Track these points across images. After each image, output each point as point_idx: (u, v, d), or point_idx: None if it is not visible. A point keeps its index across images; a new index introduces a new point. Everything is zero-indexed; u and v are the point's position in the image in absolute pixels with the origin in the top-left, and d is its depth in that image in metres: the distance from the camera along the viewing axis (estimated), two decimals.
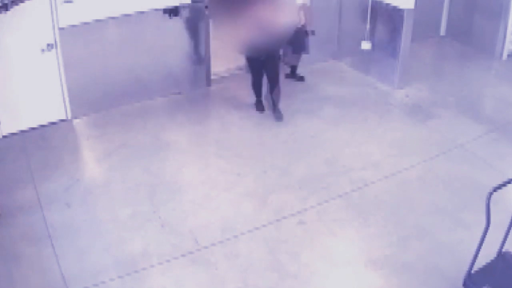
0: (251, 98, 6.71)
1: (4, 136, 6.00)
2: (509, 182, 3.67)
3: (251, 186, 5.37)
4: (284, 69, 7.25)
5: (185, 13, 6.72)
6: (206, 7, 6.86)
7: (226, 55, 7.39)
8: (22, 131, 6.11)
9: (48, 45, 5.98)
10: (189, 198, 5.18)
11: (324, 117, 6.63)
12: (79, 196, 5.15)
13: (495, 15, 8.05)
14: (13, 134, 6.05)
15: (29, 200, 5.05)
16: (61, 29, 5.96)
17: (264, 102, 6.68)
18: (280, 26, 5.50)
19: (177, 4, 6.62)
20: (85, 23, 6.10)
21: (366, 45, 7.45)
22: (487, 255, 3.85)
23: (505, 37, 8.15)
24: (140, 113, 6.62)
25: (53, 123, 6.33)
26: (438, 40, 8.90)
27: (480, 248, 3.64)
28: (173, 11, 6.63)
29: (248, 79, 6.71)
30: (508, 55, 8.28)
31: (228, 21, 5.38)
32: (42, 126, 6.25)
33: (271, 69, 6.38)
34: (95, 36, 6.24)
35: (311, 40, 7.09)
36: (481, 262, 3.80)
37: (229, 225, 4.83)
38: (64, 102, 6.35)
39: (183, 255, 4.48)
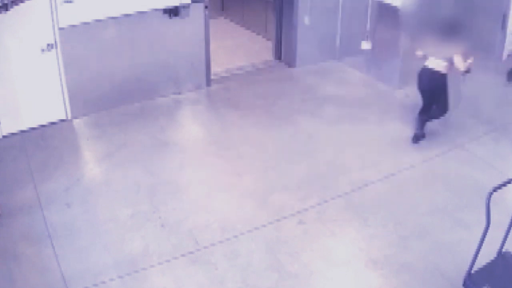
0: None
1: (4, 136, 6.00)
2: (509, 182, 3.66)
3: (251, 186, 5.37)
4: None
5: (185, 13, 6.72)
6: (206, 7, 6.86)
7: (226, 56, 7.39)
8: (22, 131, 6.12)
9: (48, 45, 5.97)
10: (189, 198, 5.18)
11: (324, 117, 6.63)
12: (79, 196, 5.15)
13: (495, 15, 8.04)
14: (13, 134, 6.05)
15: (29, 200, 5.05)
16: (61, 29, 5.96)
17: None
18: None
19: (177, 4, 6.62)
20: (85, 23, 6.10)
21: (366, 45, 7.45)
22: (487, 255, 3.85)
23: (505, 37, 8.15)
24: (140, 113, 6.62)
25: (53, 123, 6.33)
26: None
27: (480, 248, 3.63)
28: (173, 11, 6.63)
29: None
30: (508, 55, 8.27)
31: None
32: (42, 126, 6.25)
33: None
34: (95, 36, 6.25)
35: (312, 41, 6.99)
36: (481, 262, 3.80)
37: (229, 225, 4.82)
38: (64, 102, 6.35)
39: (183, 255, 4.48)
